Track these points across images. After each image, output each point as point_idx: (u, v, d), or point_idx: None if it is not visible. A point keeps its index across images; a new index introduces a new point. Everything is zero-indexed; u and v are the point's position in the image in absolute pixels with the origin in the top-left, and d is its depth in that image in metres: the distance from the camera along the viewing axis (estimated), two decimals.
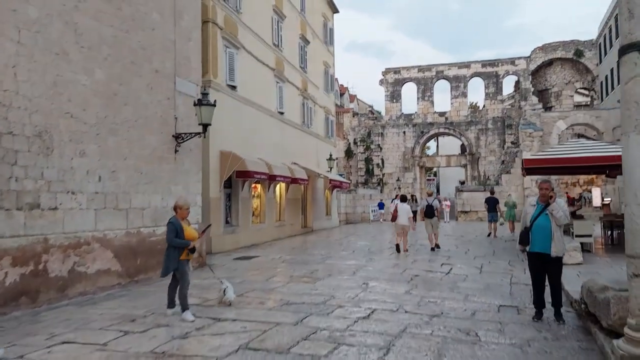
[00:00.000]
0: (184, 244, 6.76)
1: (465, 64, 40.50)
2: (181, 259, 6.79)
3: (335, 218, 28.08)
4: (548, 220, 6.44)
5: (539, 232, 6.48)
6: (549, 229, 6.42)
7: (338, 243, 16.76)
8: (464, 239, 18.43)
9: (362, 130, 41.04)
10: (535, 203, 6.69)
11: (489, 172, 38.13)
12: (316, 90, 24.86)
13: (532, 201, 6.82)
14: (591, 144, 13.36)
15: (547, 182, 6.59)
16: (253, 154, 16.36)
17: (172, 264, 6.76)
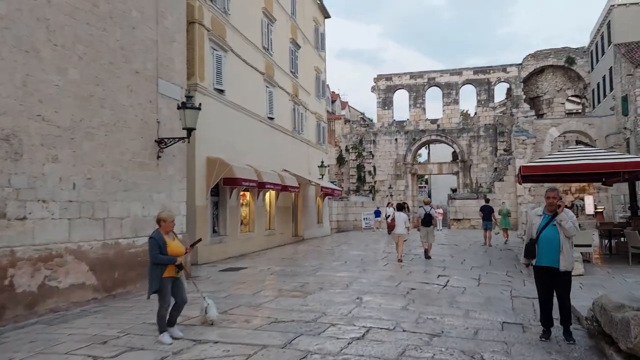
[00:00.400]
0: (168, 261, 6.07)
1: (457, 71, 40.31)
2: (164, 277, 6.07)
3: (326, 226, 27.52)
4: (556, 231, 5.95)
5: (546, 244, 5.98)
6: (557, 240, 5.93)
7: (330, 253, 16.20)
8: (459, 248, 17.95)
9: (354, 137, 40.65)
10: (541, 213, 6.19)
11: (481, 179, 37.83)
12: (307, 95, 24.38)
13: (538, 211, 6.32)
14: (589, 151, 12.96)
15: (555, 191, 6.10)
16: (241, 161, 15.80)
17: (155, 283, 6.06)
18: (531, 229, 6.20)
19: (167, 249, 6.09)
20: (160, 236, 6.13)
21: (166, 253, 6.07)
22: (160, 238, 6.11)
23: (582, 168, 11.55)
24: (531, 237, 6.16)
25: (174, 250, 6.15)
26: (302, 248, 18.42)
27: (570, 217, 5.97)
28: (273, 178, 17.21)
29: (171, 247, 6.15)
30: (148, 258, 6.23)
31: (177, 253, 6.17)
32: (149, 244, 6.16)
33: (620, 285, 9.41)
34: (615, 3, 30.50)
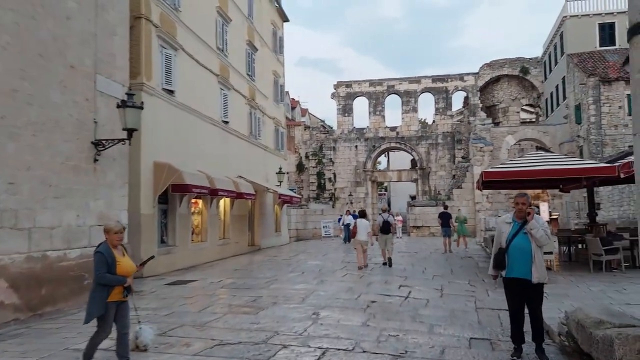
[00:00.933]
0: (117, 282, 5.01)
1: (416, 79, 40.55)
2: (109, 301, 4.98)
3: (285, 235, 26.75)
4: (527, 240, 5.47)
5: (517, 254, 5.49)
6: (529, 250, 5.44)
7: (287, 263, 15.46)
8: (419, 256, 17.57)
9: (314, 144, 40.15)
10: (510, 220, 5.70)
11: (440, 186, 38.01)
12: (265, 100, 23.65)
13: (507, 218, 5.82)
14: (549, 157, 12.80)
15: (524, 196, 5.60)
16: (193, 166, 14.90)
17: (98, 308, 4.94)
18: (500, 237, 5.70)
19: (115, 267, 5.02)
20: (110, 251, 5.05)
21: (115, 272, 5.01)
22: (109, 253, 5.03)
23: (545, 174, 11.31)
24: (500, 247, 5.66)
25: (124, 269, 5.09)
26: (258, 258, 17.60)
27: (541, 224, 5.50)
28: (227, 185, 16.35)
29: (122, 264, 5.09)
30: (83, 272, 5.28)
31: (127, 272, 5.13)
32: (95, 259, 5.03)
33: (586, 294, 9.12)
34: (567, 14, 31.29)
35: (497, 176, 11.68)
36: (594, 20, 30.86)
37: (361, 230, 13.60)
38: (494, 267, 5.73)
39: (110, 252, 5.06)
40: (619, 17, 30.48)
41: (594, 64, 27.84)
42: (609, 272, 11.53)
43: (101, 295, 4.97)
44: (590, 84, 26.00)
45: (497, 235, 5.80)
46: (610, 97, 25.70)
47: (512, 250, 5.50)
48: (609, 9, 30.74)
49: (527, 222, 5.45)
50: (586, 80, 26.24)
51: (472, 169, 30.70)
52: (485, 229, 24.56)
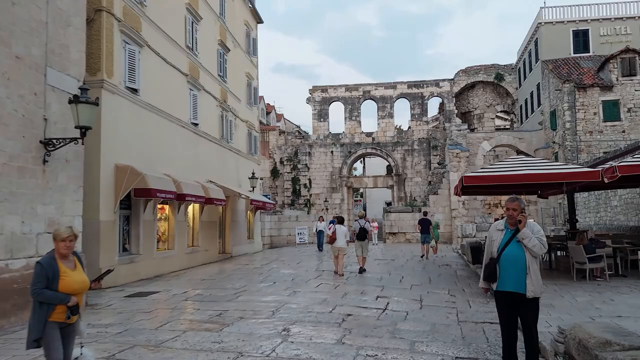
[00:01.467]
0: (56, 300, 4.21)
1: (392, 85, 40.31)
2: (50, 321, 4.20)
3: (258, 242, 25.92)
4: (521, 249, 4.88)
5: (509, 265, 4.90)
6: (523, 261, 4.86)
7: (258, 272, 14.68)
8: (396, 264, 17.01)
9: (289, 149, 39.48)
10: (503, 227, 5.11)
11: (415, 193, 37.74)
12: (237, 102, 22.87)
13: (498, 225, 5.22)
14: (530, 161, 12.39)
15: (516, 201, 4.99)
16: (158, 170, 14.03)
17: (35, 330, 4.18)
18: (491, 246, 5.11)
19: (58, 282, 4.21)
20: (52, 262, 4.27)
21: (57, 287, 4.22)
22: (50, 265, 4.25)
23: (527, 179, 10.86)
24: (491, 256, 5.06)
25: (68, 284, 4.27)
26: (228, 267, 16.76)
27: (536, 232, 4.92)
28: (195, 190, 15.51)
29: (67, 278, 4.28)
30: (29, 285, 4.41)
31: (73, 289, 4.30)
32: (33, 272, 4.24)
33: (572, 305, 8.64)
34: (542, 21, 31.45)
35: (478, 181, 11.19)
36: (568, 27, 31.11)
37: (340, 237, 13.46)
38: (484, 279, 5.13)
39: (52, 264, 4.26)
40: (593, 24, 30.82)
41: (568, 71, 27.94)
42: (593, 280, 11.13)
43: (40, 315, 4.18)
44: (565, 90, 26.03)
45: (487, 244, 5.20)
46: (585, 104, 25.76)
47: (503, 260, 4.92)
48: (583, 16, 31.02)
49: (519, 230, 4.87)
50: (561, 86, 26.26)
51: (449, 175, 30.45)
52: (462, 235, 24.25)
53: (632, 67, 25.15)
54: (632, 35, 29.80)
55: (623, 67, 25.33)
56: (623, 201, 18.26)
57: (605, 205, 20.15)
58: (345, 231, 13.85)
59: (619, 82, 25.46)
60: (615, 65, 25.47)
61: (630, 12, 30.58)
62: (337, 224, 14.00)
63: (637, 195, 16.89)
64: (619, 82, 25.47)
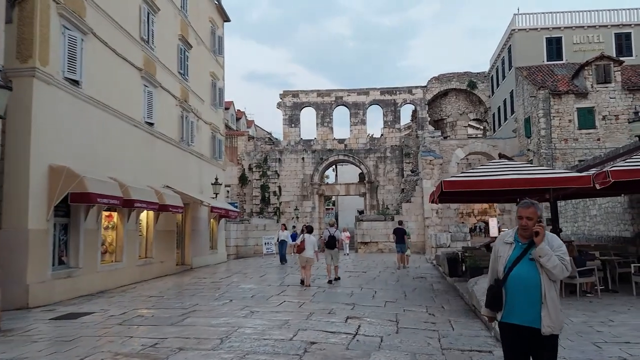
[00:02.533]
0: None
1: (364, 91, 39.47)
2: None
3: (222, 252, 24.37)
4: (535, 270, 3.68)
5: (519, 290, 3.69)
6: (537, 285, 3.66)
7: (216, 287, 13.21)
8: (368, 277, 15.80)
9: (258, 155, 38.08)
10: (512, 240, 3.89)
11: (388, 201, 36.80)
12: (201, 103, 21.42)
13: (506, 237, 3.99)
14: (515, 165, 11.39)
15: (532, 207, 3.77)
16: (103, 172, 12.51)
17: None
18: (496, 263, 3.90)
19: None
20: None
21: None
22: None
23: (514, 184, 9.81)
24: (496, 277, 3.85)
25: None
26: (185, 280, 15.23)
27: (556, 247, 3.71)
28: (147, 195, 14.00)
29: None
30: None
31: None
32: None
33: (568, 327, 7.53)
34: (516, 27, 31.04)
35: (459, 186, 10.08)
36: (542, 35, 30.77)
37: (308, 247, 13.07)
38: (486, 306, 3.91)
39: None
40: (566, 32, 30.56)
41: (543, 77, 27.47)
42: (583, 296, 10.12)
43: None
44: (540, 97, 25.47)
45: (492, 260, 3.99)
46: (560, 111, 25.25)
47: (512, 283, 3.71)
48: (556, 24, 30.74)
49: (535, 245, 3.67)
50: (536, 92, 25.71)
51: (422, 183, 29.55)
52: (436, 245, 23.26)
53: (607, 74, 24.78)
54: (605, 44, 29.62)
55: (598, 74, 24.94)
56: (603, 210, 17.53)
57: (584, 215, 19.44)
58: (314, 241, 13.40)
59: (594, 89, 25.05)
60: (590, 72, 25.06)
61: (602, 21, 30.44)
62: (306, 233, 13.49)
63: (619, 204, 16.15)
64: (594, 89, 25.05)
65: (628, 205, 15.46)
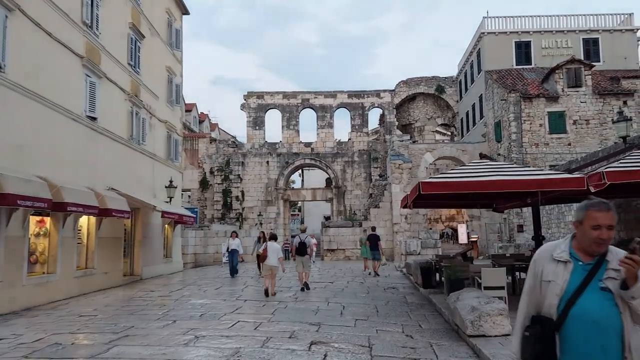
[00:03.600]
0: None
1: (332, 94, 38.34)
2: None
3: (178, 261, 22.61)
4: (611, 305, 2.39)
5: (588, 335, 2.37)
6: (617, 328, 2.37)
7: (161, 303, 11.59)
8: (336, 288, 14.49)
9: (221, 158, 36.34)
10: (568, 257, 2.55)
11: (355, 206, 35.67)
12: (154, 99, 19.73)
13: (556, 250, 2.62)
14: (498, 165, 10.32)
15: (611, 210, 2.50)
16: (30, 170, 10.78)
17: None
18: (539, 291, 2.56)
19: None
20: None
21: None
22: None
23: (500, 186, 8.69)
24: (541, 315, 2.51)
25: None
26: (128, 294, 13.51)
27: None
28: (85, 198, 12.29)
29: None
30: None
31: None
32: None
33: None
34: (485, 31, 30.53)
35: (439, 188, 8.89)
36: (511, 38, 30.38)
37: (272, 255, 12.40)
38: (522, 357, 2.55)
39: None
40: (535, 36, 30.26)
41: (513, 81, 26.93)
42: None
43: None
44: (511, 100, 24.85)
45: (530, 287, 2.63)
46: (531, 114, 24.67)
47: (575, 325, 2.37)
48: (525, 28, 30.40)
49: (628, 286, 2.34)
50: (507, 96, 25.09)
51: (390, 188, 28.54)
52: (406, 252, 22.18)
53: (578, 78, 24.37)
54: (573, 49, 29.39)
55: (569, 77, 24.50)
56: None
57: (558, 221, 18.69)
58: (278, 249, 12.74)
59: (565, 93, 24.59)
60: (561, 75, 24.59)
61: (571, 26, 30.28)
62: (270, 240, 12.99)
63: None
64: (564, 93, 24.59)
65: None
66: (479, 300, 7.83)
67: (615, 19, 30.18)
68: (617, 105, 23.91)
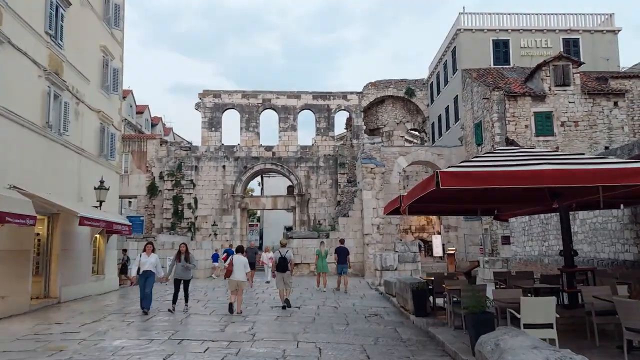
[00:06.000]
0: None
1: (295, 94, 35.45)
2: None
3: (112, 278, 18.95)
4: None
5: None
6: None
7: (54, 348, 8.13)
8: (304, 316, 11.45)
9: (172, 161, 32.66)
10: None
11: (320, 215, 32.73)
12: (84, 83, 16.24)
13: None
14: (539, 153, 7.59)
15: None
16: None
17: None
18: None
19: None
20: None
21: None
22: None
23: (551, 178, 5.89)
24: None
25: None
26: (18, 329, 9.87)
27: None
28: None
29: None
30: None
31: None
32: None
33: None
34: (461, 27, 28.42)
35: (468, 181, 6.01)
36: (488, 36, 28.39)
37: (238, 268, 11.57)
38: None
39: None
40: (513, 34, 28.38)
41: (494, 80, 24.78)
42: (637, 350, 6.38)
43: None
44: (495, 99, 22.59)
45: None
46: (516, 115, 22.48)
47: None
48: (503, 26, 28.48)
49: None
50: (490, 94, 22.82)
51: (361, 194, 25.75)
52: (381, 267, 19.33)
53: (566, 76, 22.37)
54: (552, 49, 27.61)
55: (556, 75, 22.47)
56: (588, 227, 14.37)
57: (557, 232, 16.24)
58: (245, 262, 11.80)
59: (552, 92, 22.54)
60: (548, 73, 22.54)
61: (550, 25, 28.58)
62: (236, 253, 12.12)
63: (614, 219, 12.98)
64: (552, 92, 22.54)
65: (630, 220, 12.28)
66: (543, 355, 4.97)
67: (596, 19, 28.70)
68: (607, 107, 22.05)
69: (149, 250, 12.45)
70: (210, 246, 26.26)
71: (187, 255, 12.55)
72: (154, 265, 12.21)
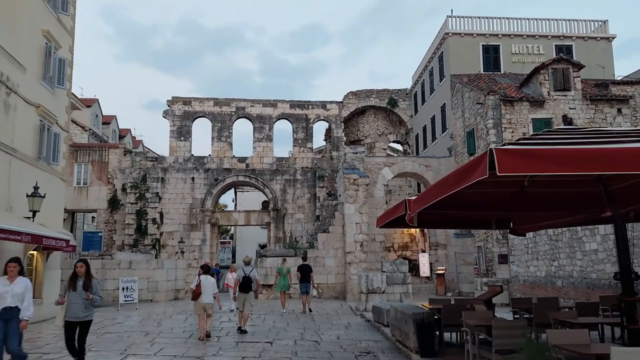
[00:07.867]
0: None
1: (272, 103, 33.19)
2: None
3: (52, 303, 16.02)
4: None
5: None
6: None
7: None
8: (280, 351, 8.94)
9: (136, 172, 29.85)
10: None
11: (297, 232, 30.25)
12: (18, 71, 13.63)
13: None
14: (612, 131, 5.39)
15: None
16: None
17: None
18: None
19: None
20: None
21: None
22: None
23: None
24: None
25: None
26: None
27: None
28: None
29: None
30: None
31: None
32: None
33: None
34: (449, 31, 26.70)
35: (545, 165, 3.76)
36: (478, 41, 26.71)
37: (206, 290, 10.81)
38: None
39: None
40: (504, 39, 26.77)
41: (487, 85, 22.95)
42: None
43: None
44: (489, 104, 20.68)
45: None
46: (513, 121, 20.58)
47: None
48: (493, 31, 26.87)
49: None
50: (484, 99, 20.91)
51: (343, 208, 23.40)
52: (367, 290, 16.92)
53: (566, 80, 20.63)
54: (545, 56, 26.05)
55: (555, 79, 20.72)
56: (612, 243, 12.30)
57: (572, 250, 14.18)
58: (213, 283, 11.13)
59: (551, 97, 20.75)
60: (547, 76, 20.77)
61: (542, 31, 27.11)
62: (204, 274, 11.23)
63: None
64: (551, 97, 20.75)
65: None
66: None
67: (590, 26, 27.35)
68: (610, 114, 20.35)
69: (13, 272, 7.23)
70: (174, 265, 23.42)
71: (87, 282, 7.58)
72: (16, 297, 7.23)
